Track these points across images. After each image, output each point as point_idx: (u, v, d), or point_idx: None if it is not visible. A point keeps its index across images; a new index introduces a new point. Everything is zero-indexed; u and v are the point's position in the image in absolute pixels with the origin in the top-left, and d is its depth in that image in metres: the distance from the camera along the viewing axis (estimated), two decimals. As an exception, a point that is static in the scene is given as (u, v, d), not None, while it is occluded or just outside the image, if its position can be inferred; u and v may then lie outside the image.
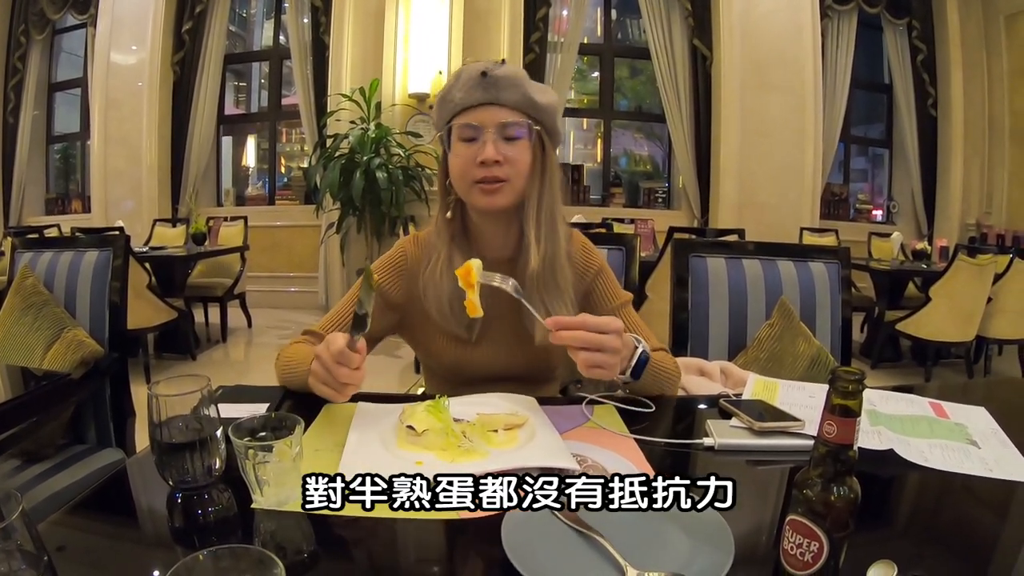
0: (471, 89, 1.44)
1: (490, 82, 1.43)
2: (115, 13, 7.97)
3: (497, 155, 1.43)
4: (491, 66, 1.44)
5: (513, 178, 1.47)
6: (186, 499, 0.97)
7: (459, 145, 1.48)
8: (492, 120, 1.44)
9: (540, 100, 1.47)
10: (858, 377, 0.70)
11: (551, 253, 1.52)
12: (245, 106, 9.68)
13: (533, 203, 1.51)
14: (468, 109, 1.46)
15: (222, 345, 6.31)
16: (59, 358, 2.32)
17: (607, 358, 1.23)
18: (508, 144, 1.45)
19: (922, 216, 8.46)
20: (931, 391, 1.54)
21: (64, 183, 9.65)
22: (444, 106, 1.50)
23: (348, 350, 1.20)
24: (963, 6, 8.19)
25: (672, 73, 7.72)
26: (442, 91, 1.51)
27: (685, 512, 0.88)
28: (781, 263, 2.10)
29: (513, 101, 1.45)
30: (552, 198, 1.54)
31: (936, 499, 1.09)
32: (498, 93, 1.44)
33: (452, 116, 1.48)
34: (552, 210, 1.54)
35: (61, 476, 1.86)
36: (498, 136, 1.45)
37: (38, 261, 2.50)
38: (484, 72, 1.43)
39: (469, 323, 1.52)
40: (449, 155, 1.51)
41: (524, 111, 1.46)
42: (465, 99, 1.45)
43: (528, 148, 1.48)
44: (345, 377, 1.21)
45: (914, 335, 5.25)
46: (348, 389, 1.23)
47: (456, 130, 1.48)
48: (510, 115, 1.45)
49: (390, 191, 6.22)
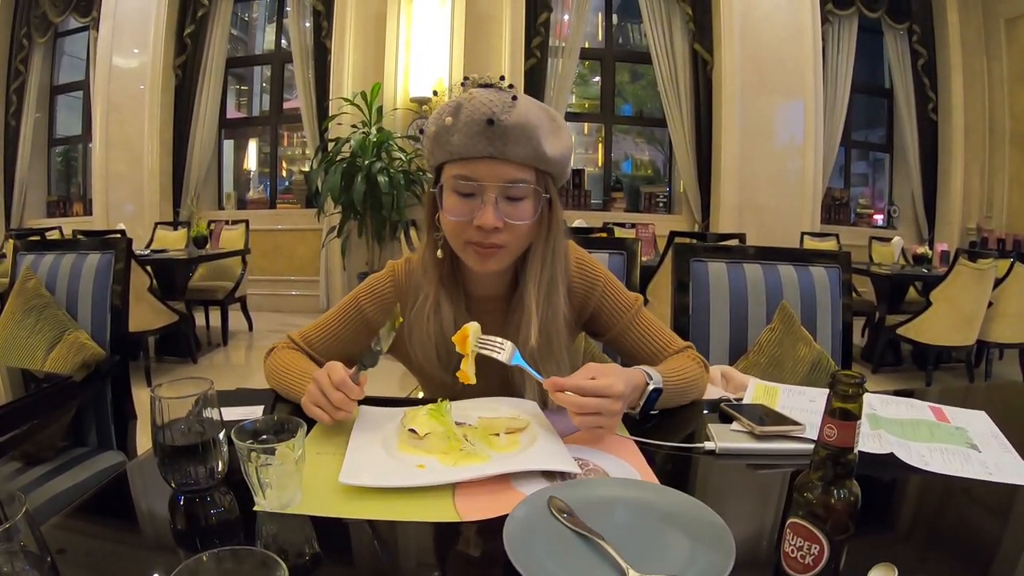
0: (474, 137, 1.25)
1: (497, 133, 1.24)
2: (117, 16, 7.98)
3: (497, 221, 1.28)
4: (499, 109, 1.24)
5: (512, 243, 1.35)
6: (188, 501, 0.98)
7: (454, 198, 1.32)
8: (495, 177, 1.28)
9: (552, 153, 1.31)
10: (858, 381, 0.71)
11: (548, 322, 1.40)
12: (247, 110, 9.69)
13: (535, 269, 1.40)
14: (468, 160, 1.29)
15: (223, 348, 6.32)
16: (61, 360, 2.32)
17: (603, 421, 1.17)
18: (510, 204, 1.31)
19: (923, 220, 8.46)
20: (932, 395, 1.55)
21: (65, 186, 9.66)
22: (438, 144, 1.32)
23: (350, 381, 1.20)
24: (963, 10, 8.19)
25: (673, 77, 7.73)
26: (438, 122, 1.31)
27: (686, 514, 0.88)
28: (782, 267, 2.11)
29: (522, 156, 1.28)
30: (555, 257, 1.41)
31: (936, 503, 1.09)
32: (505, 147, 1.26)
33: (447, 160, 1.33)
34: (553, 272, 1.41)
35: (62, 478, 1.86)
36: (500, 196, 1.29)
37: (40, 263, 2.51)
38: (491, 120, 1.23)
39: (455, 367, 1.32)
40: (441, 199, 1.36)
41: (532, 165, 1.30)
42: (465, 147, 1.27)
43: (533, 206, 1.33)
44: (340, 402, 1.19)
45: (915, 339, 5.24)
46: (340, 414, 1.20)
47: (451, 179, 1.32)
48: (517, 172, 1.29)
49: (391, 195, 6.23)
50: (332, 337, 1.53)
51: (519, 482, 1.03)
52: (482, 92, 1.27)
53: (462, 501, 0.97)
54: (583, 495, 0.95)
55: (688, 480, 1.16)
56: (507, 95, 1.27)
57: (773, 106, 7.50)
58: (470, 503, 0.97)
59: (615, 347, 1.60)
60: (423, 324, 1.42)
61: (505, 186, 1.29)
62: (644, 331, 1.53)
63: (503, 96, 1.26)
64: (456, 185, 1.31)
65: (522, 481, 1.03)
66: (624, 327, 1.53)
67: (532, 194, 1.33)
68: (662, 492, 0.97)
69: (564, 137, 1.36)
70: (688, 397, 1.43)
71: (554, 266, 1.41)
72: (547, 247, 1.39)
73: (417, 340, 1.43)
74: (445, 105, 1.32)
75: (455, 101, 1.29)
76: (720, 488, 1.13)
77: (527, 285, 1.39)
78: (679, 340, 1.55)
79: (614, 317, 1.53)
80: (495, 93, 1.27)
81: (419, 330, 1.43)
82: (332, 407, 1.20)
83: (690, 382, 1.42)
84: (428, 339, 1.42)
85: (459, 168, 1.30)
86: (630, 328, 1.53)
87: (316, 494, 0.99)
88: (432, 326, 1.41)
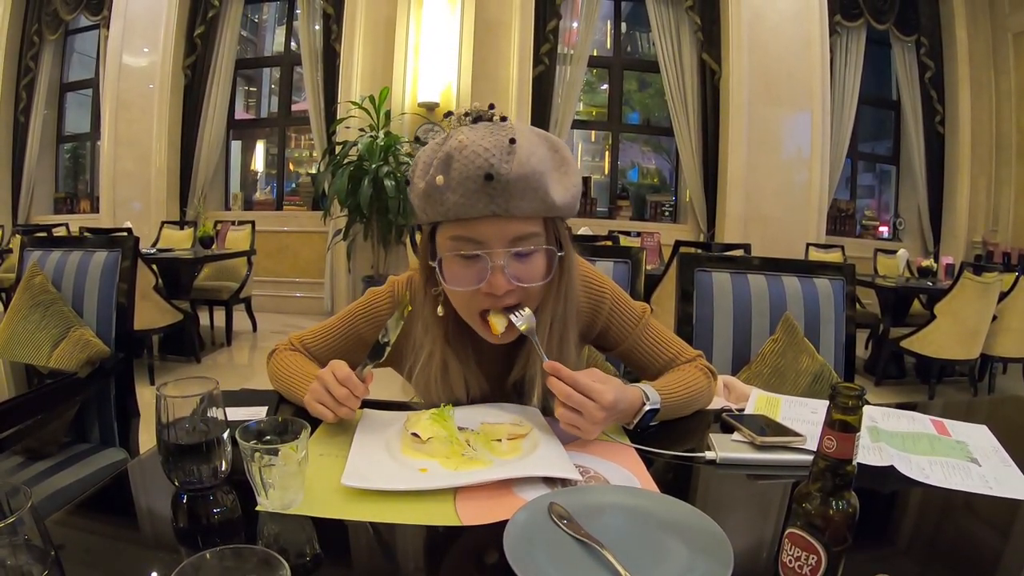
0: (472, 195, 1.12)
1: (498, 189, 1.11)
2: (128, 15, 8.02)
3: (508, 284, 1.18)
4: (497, 160, 1.10)
5: (526, 301, 1.25)
6: (191, 500, 0.98)
7: (455, 264, 1.21)
8: (501, 237, 1.17)
9: (562, 200, 1.19)
10: (858, 393, 0.71)
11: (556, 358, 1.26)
12: (255, 111, 9.72)
13: (546, 321, 1.30)
14: (467, 221, 1.16)
15: (226, 348, 6.33)
16: (65, 357, 2.33)
17: (582, 422, 1.13)
18: (520, 261, 1.20)
19: (928, 233, 8.46)
20: (934, 409, 1.55)
21: (73, 183, 9.70)
22: (430, 202, 1.17)
23: (355, 377, 1.18)
24: (971, 24, 8.21)
25: (680, 86, 7.74)
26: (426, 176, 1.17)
27: (685, 523, 0.89)
28: (786, 279, 2.11)
29: (529, 211, 1.15)
30: (567, 306, 1.32)
31: (936, 516, 1.09)
32: (509, 203, 1.12)
33: (441, 219, 1.20)
34: (566, 320, 1.33)
35: (64, 474, 1.86)
36: (507, 255, 1.18)
37: (47, 260, 2.52)
38: (489, 175, 1.09)
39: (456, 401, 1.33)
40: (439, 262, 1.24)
41: (541, 216, 1.20)
42: (463, 208, 1.13)
43: (545, 260, 1.24)
44: (343, 398, 1.17)
45: (918, 352, 5.23)
46: (343, 411, 1.18)
47: (449, 241, 1.20)
48: (524, 227, 1.18)
49: (398, 199, 6.23)
50: (326, 347, 1.50)
51: (520, 488, 1.03)
52: (474, 137, 1.13)
53: (463, 505, 0.98)
54: (583, 502, 0.95)
55: (688, 489, 1.16)
56: (503, 137, 1.12)
57: (780, 117, 7.50)
58: (471, 508, 0.97)
59: (625, 360, 1.57)
60: (431, 385, 1.35)
61: (512, 243, 1.18)
62: (654, 343, 1.49)
63: (498, 139, 1.12)
64: (456, 248, 1.19)
65: (523, 487, 1.03)
66: (634, 341, 1.49)
67: (543, 246, 1.22)
68: (662, 500, 0.97)
69: (572, 174, 1.24)
70: (692, 408, 1.41)
71: (566, 312, 1.33)
72: (558, 296, 1.30)
73: (423, 391, 1.38)
74: (430, 155, 1.18)
75: (443, 151, 1.14)
76: (720, 497, 1.14)
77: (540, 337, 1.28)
78: (690, 349, 1.51)
79: (623, 331, 1.49)
80: (489, 135, 1.13)
81: (425, 389, 1.37)
82: (336, 403, 1.17)
83: (694, 395, 1.39)
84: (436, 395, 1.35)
85: (457, 229, 1.18)
86: (640, 341, 1.49)
87: (318, 495, 0.99)
88: (440, 389, 1.34)
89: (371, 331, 1.43)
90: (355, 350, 1.44)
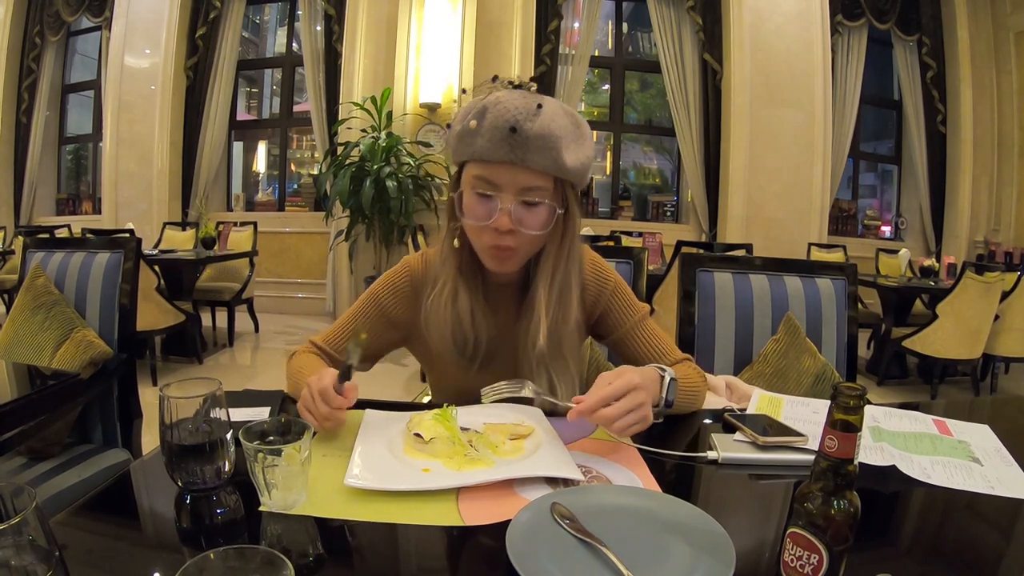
0: (496, 142, 1.28)
1: (519, 141, 1.27)
2: (130, 17, 8.04)
3: (511, 225, 1.32)
4: (523, 117, 1.27)
5: (523, 246, 1.38)
6: (194, 500, 0.99)
7: (472, 196, 1.36)
8: (513, 183, 1.32)
9: (572, 163, 1.33)
10: (859, 393, 0.71)
11: (559, 326, 1.44)
12: (256, 112, 9.74)
13: (547, 272, 1.44)
14: (489, 163, 1.32)
15: (229, 349, 6.34)
16: (68, 358, 2.33)
17: (638, 415, 1.16)
18: (525, 209, 1.34)
19: (930, 233, 8.45)
20: (936, 409, 1.55)
21: (75, 184, 9.71)
22: (462, 143, 1.35)
23: (332, 391, 1.20)
24: (973, 23, 8.20)
25: (682, 87, 7.74)
26: (463, 121, 1.34)
27: (687, 523, 0.89)
28: (788, 279, 2.11)
29: (541, 165, 1.30)
30: (569, 261, 1.45)
31: (937, 516, 1.10)
32: (525, 155, 1.28)
33: (469, 159, 1.36)
34: (567, 278, 1.45)
35: (67, 475, 1.87)
36: (516, 201, 1.33)
37: (49, 261, 2.52)
38: (514, 128, 1.26)
39: (471, 355, 1.49)
40: (460, 193, 1.40)
41: (551, 174, 1.33)
42: (487, 151, 1.30)
43: (547, 213, 1.36)
44: (324, 415, 1.20)
45: (920, 352, 5.23)
46: (327, 424, 1.21)
47: (471, 178, 1.36)
48: (534, 179, 1.32)
49: (400, 200, 6.23)
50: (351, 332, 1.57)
51: (523, 488, 1.03)
52: (509, 96, 1.31)
53: (466, 506, 0.98)
54: (586, 502, 0.95)
55: (690, 489, 1.16)
56: (533, 102, 1.29)
57: (782, 117, 7.50)
58: (474, 508, 0.97)
59: (617, 349, 1.64)
60: (440, 312, 1.46)
61: (522, 191, 1.32)
62: (647, 336, 1.57)
63: (529, 103, 1.29)
64: (476, 185, 1.34)
65: (526, 487, 1.04)
66: (629, 329, 1.58)
67: (548, 202, 1.35)
68: (664, 500, 0.98)
69: (586, 146, 1.39)
70: (694, 404, 1.46)
71: (568, 270, 1.45)
72: (560, 250, 1.43)
73: (434, 326, 1.48)
74: (471, 105, 1.35)
75: (481, 103, 1.32)
76: (722, 497, 1.14)
77: (538, 286, 1.44)
78: (678, 351, 1.59)
79: (621, 318, 1.58)
80: (521, 98, 1.30)
81: (436, 317, 1.47)
82: (320, 417, 1.20)
83: (694, 388, 1.46)
84: (445, 325, 1.46)
85: (480, 169, 1.34)
86: (635, 331, 1.57)
87: (321, 495, 0.99)
88: (449, 313, 1.46)
89: (395, 306, 1.56)
90: (383, 330, 1.57)
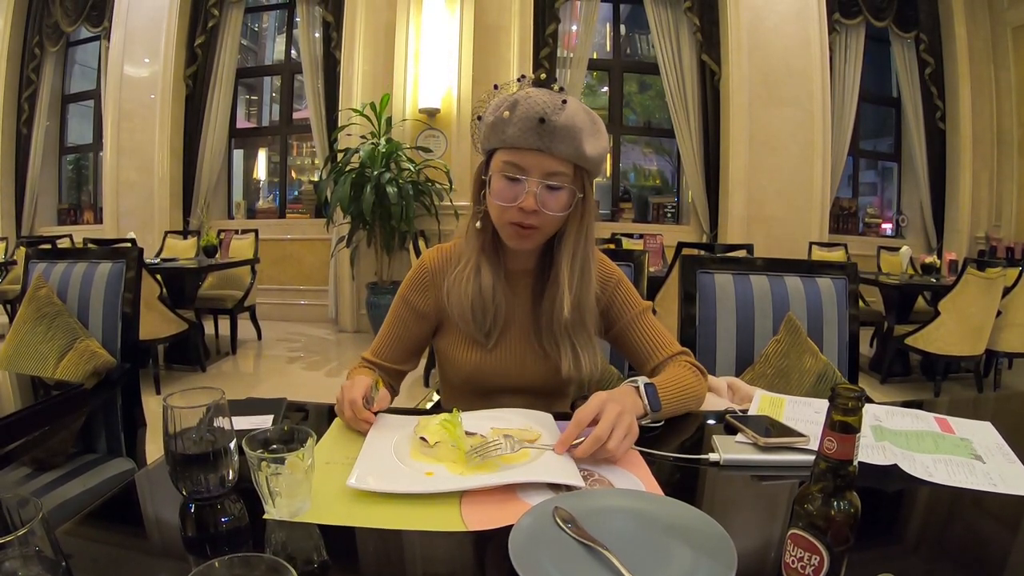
0: (526, 132, 1.42)
1: (547, 131, 1.41)
2: (129, 26, 8.05)
3: (536, 205, 1.45)
4: (551, 110, 1.41)
5: (546, 226, 1.51)
6: (199, 509, 0.99)
7: (501, 180, 1.48)
8: (539, 168, 1.45)
9: (591, 153, 1.47)
10: (858, 394, 0.72)
11: (582, 298, 1.57)
12: (256, 119, 9.73)
13: (568, 249, 1.56)
14: (518, 150, 1.45)
15: (232, 357, 6.33)
16: (71, 368, 2.34)
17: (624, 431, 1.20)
18: (549, 192, 1.47)
19: (931, 229, 8.44)
20: (940, 406, 1.55)
21: (76, 194, 9.72)
22: (494, 132, 1.49)
23: (360, 402, 1.34)
24: (970, 19, 8.19)
25: (681, 88, 7.74)
26: (496, 113, 1.48)
27: (689, 525, 0.89)
28: (788, 279, 2.11)
29: (565, 153, 1.44)
30: (587, 242, 1.58)
31: (940, 514, 1.10)
32: (551, 143, 1.42)
33: (500, 147, 1.50)
34: (586, 255, 1.58)
35: (72, 484, 1.87)
36: (541, 184, 1.45)
37: (52, 272, 2.53)
38: (543, 119, 1.40)
39: (488, 329, 1.61)
40: (489, 178, 1.53)
41: (572, 162, 1.47)
42: (517, 139, 1.44)
43: (568, 197, 1.49)
44: (352, 421, 1.35)
45: (923, 349, 5.21)
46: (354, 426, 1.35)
47: (500, 164, 1.49)
48: (558, 165, 1.45)
49: (400, 206, 6.25)
50: (395, 339, 1.72)
51: (525, 493, 1.04)
52: (537, 92, 1.45)
53: (468, 511, 0.99)
54: (587, 505, 0.96)
55: (692, 491, 1.17)
56: (558, 98, 1.44)
57: (781, 116, 7.50)
58: (476, 513, 0.98)
59: (618, 343, 1.75)
60: (462, 285, 1.59)
61: (547, 176, 1.45)
62: (646, 329, 1.68)
63: (555, 98, 1.43)
64: (505, 169, 1.47)
65: (528, 492, 1.04)
66: (629, 321, 1.69)
67: (568, 187, 1.48)
68: (665, 503, 0.98)
69: (602, 139, 1.52)
70: (689, 404, 1.51)
71: (587, 249, 1.58)
72: (580, 230, 1.56)
73: (455, 300, 1.60)
74: (503, 99, 1.49)
75: (512, 97, 1.46)
76: (724, 499, 1.14)
77: (561, 263, 1.56)
78: (676, 344, 1.68)
79: (622, 311, 1.70)
80: (548, 95, 1.44)
81: (458, 290, 1.60)
82: (347, 420, 1.36)
83: (688, 389, 1.50)
84: (466, 297, 1.58)
85: (509, 156, 1.47)
86: (634, 323, 1.69)
87: (325, 502, 1.00)
88: (471, 287, 1.58)
89: (420, 300, 1.69)
90: (418, 327, 1.72)
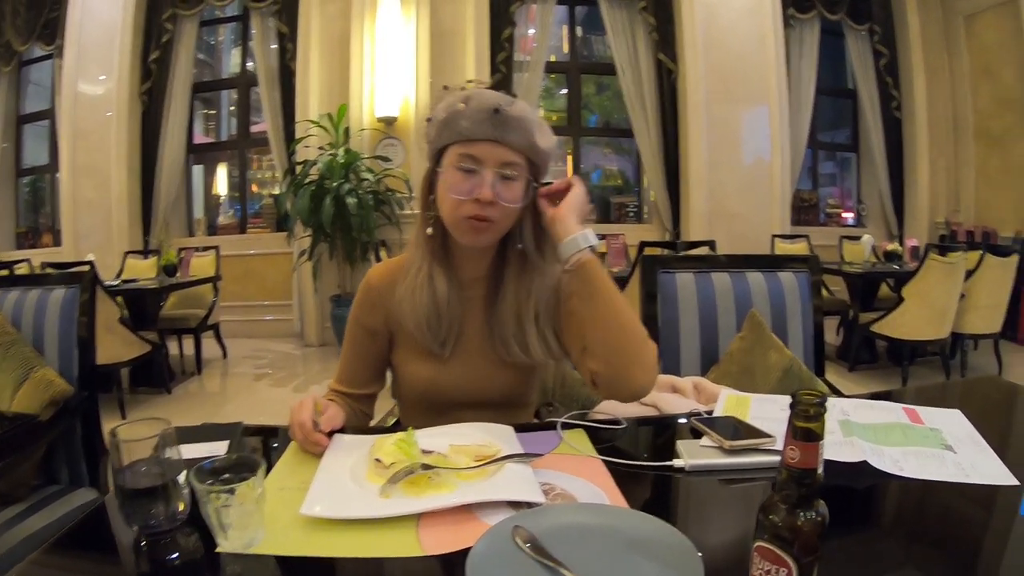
0: (480, 123, 1.44)
1: (500, 120, 1.44)
2: (82, 43, 7.89)
3: (492, 196, 1.44)
4: (504, 103, 1.45)
5: (501, 219, 1.49)
6: (151, 545, 0.95)
7: (455, 173, 1.47)
8: (494, 158, 1.45)
9: (542, 145, 1.50)
10: (819, 400, 0.70)
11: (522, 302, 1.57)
12: (215, 134, 9.61)
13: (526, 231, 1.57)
14: (473, 141, 1.46)
15: (197, 377, 6.24)
16: (27, 399, 2.28)
17: None
18: (504, 183, 1.46)
19: (892, 217, 8.54)
20: (907, 396, 1.55)
21: (34, 216, 9.52)
22: (446, 128, 1.49)
23: (309, 425, 1.33)
24: (923, 9, 8.30)
25: (639, 88, 7.76)
26: (447, 109, 1.49)
27: (654, 539, 0.87)
28: (750, 275, 2.11)
29: (518, 144, 1.46)
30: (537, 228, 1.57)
31: (911, 509, 1.09)
32: (505, 133, 1.44)
33: (453, 141, 1.49)
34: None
35: (35, 518, 1.84)
36: (496, 175, 1.45)
37: (5, 299, 2.46)
38: (497, 109, 1.43)
39: (444, 338, 1.58)
40: (439, 175, 1.52)
41: (525, 153, 1.48)
42: (472, 131, 1.45)
43: (521, 189, 1.49)
44: (304, 444, 1.34)
45: (889, 336, 5.30)
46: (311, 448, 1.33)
47: (455, 157, 1.48)
48: (512, 155, 1.46)
49: (360, 216, 6.21)
50: (356, 360, 1.70)
51: (484, 512, 1.01)
52: (488, 90, 1.50)
53: (426, 534, 0.96)
54: (548, 523, 0.93)
55: (657, 501, 1.15)
56: (509, 95, 1.49)
57: (739, 112, 7.55)
58: (434, 535, 0.96)
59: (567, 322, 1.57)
60: (416, 293, 1.56)
61: (502, 166, 1.46)
62: None
63: (506, 95, 1.49)
64: (460, 161, 1.47)
65: (487, 511, 1.02)
66: None
67: (523, 178, 1.49)
68: (629, 516, 0.96)
69: (550, 136, 1.55)
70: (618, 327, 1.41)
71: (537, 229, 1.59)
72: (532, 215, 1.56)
73: (409, 310, 1.56)
74: (455, 94, 1.51)
75: (464, 92, 1.50)
76: (690, 507, 1.13)
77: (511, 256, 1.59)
78: None
79: None
80: (499, 93, 1.49)
81: (412, 300, 1.56)
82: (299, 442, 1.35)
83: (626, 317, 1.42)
84: (421, 307, 1.55)
85: (464, 148, 1.47)
86: None
87: (280, 532, 0.97)
88: (425, 294, 1.55)
89: (369, 318, 1.67)
90: (374, 344, 1.69)
